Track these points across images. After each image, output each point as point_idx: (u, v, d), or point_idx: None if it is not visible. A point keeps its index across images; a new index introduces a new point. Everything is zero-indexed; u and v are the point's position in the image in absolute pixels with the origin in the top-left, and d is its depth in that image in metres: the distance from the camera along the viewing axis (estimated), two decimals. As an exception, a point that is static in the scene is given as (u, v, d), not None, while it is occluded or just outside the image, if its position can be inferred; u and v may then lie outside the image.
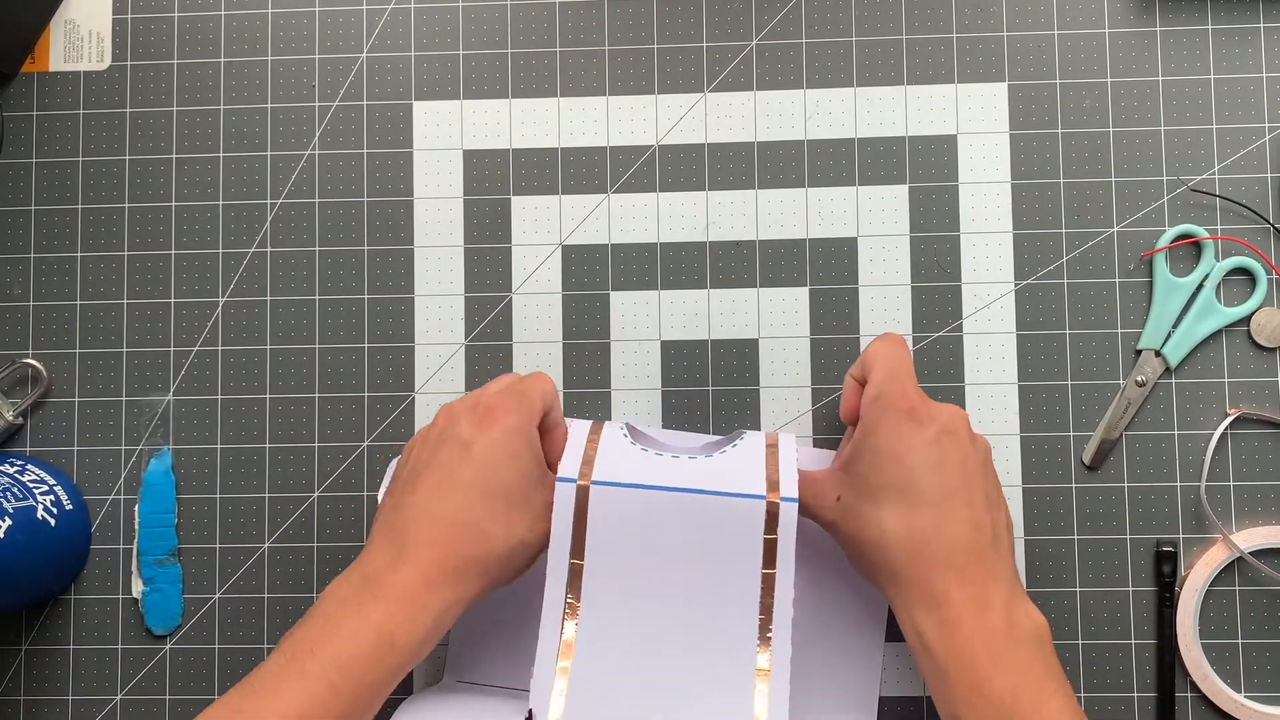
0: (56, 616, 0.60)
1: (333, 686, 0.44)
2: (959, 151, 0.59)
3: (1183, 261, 0.59)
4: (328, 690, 0.44)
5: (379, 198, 0.61)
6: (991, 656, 0.46)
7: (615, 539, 0.49)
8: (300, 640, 0.46)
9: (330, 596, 0.48)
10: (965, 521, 0.47)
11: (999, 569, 0.48)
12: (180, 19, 0.62)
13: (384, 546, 0.48)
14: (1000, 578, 0.47)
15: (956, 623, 0.46)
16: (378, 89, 0.61)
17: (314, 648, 0.45)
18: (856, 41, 0.60)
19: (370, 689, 0.46)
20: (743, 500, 0.49)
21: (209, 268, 0.61)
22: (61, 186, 0.62)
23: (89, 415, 0.61)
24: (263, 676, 0.45)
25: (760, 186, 0.60)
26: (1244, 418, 0.57)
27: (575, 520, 0.49)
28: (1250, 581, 0.57)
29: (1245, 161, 0.58)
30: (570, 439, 0.51)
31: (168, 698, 0.60)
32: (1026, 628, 0.47)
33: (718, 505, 0.48)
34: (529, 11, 0.61)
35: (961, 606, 0.46)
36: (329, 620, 0.46)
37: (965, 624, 0.46)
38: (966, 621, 0.46)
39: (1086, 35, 0.59)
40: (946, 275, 0.59)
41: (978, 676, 0.45)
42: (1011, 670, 0.45)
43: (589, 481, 0.49)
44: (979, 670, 0.46)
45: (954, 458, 0.48)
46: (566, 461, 0.50)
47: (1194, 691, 0.57)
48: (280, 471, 0.60)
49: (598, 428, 0.52)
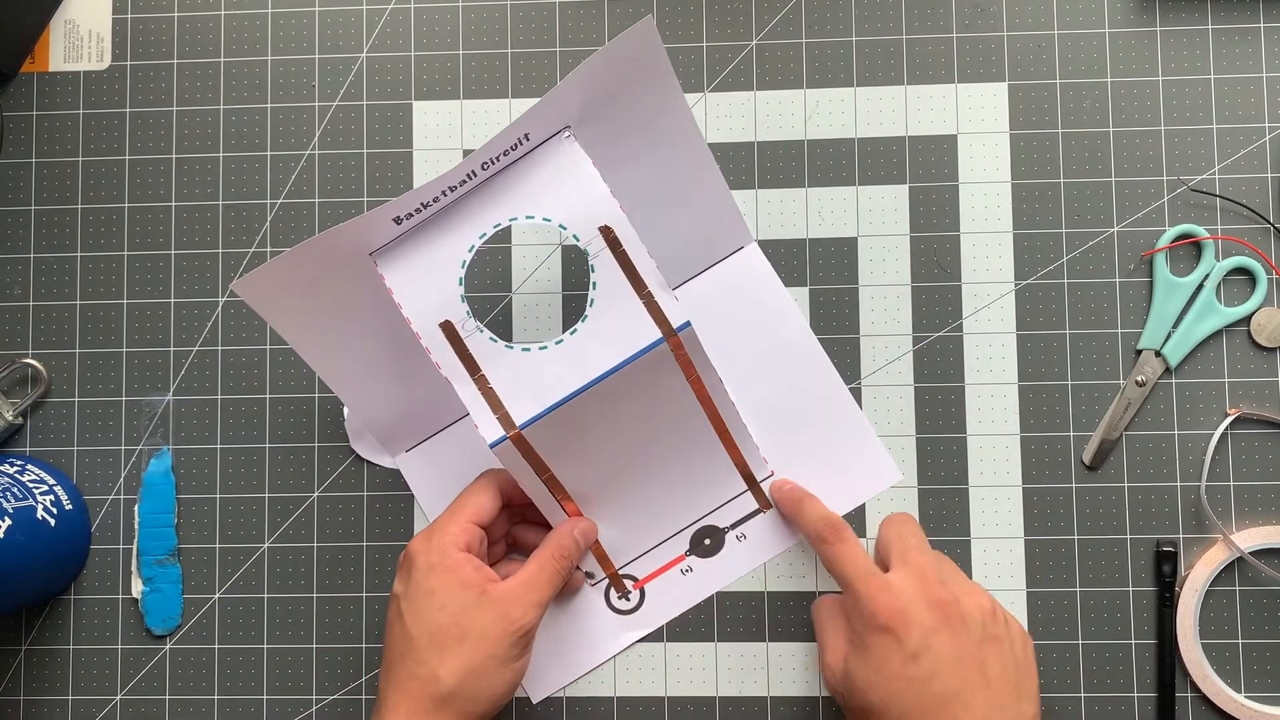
0: (56, 616, 0.60)
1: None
2: (959, 151, 0.59)
3: (1183, 261, 0.59)
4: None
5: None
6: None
7: (563, 441, 0.52)
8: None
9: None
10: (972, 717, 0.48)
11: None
12: (180, 19, 0.62)
13: (377, 706, 0.52)
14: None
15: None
16: (378, 89, 0.61)
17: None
18: (856, 41, 0.60)
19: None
20: (649, 352, 0.50)
21: (209, 268, 0.61)
22: (61, 186, 0.62)
23: (89, 415, 0.61)
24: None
25: (760, 186, 0.60)
26: (1244, 418, 0.57)
27: (528, 459, 0.51)
28: (1250, 581, 0.57)
29: (1245, 161, 0.58)
30: (465, 398, 0.51)
31: (168, 698, 0.60)
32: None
33: (631, 369, 0.50)
34: (529, 11, 0.61)
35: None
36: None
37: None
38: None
39: (1086, 35, 0.59)
40: (946, 275, 0.59)
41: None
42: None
43: (517, 429, 0.50)
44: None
45: (946, 660, 0.48)
46: (482, 422, 0.50)
47: (1194, 691, 0.57)
48: (280, 471, 0.60)
49: (473, 366, 0.51)
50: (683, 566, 0.59)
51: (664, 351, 0.50)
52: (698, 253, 0.59)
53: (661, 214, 0.56)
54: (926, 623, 0.48)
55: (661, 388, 0.52)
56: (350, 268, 0.51)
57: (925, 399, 0.59)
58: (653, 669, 0.58)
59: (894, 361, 0.59)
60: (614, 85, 0.50)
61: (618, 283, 0.50)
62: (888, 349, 0.59)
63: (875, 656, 0.49)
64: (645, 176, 0.54)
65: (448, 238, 0.50)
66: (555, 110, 0.49)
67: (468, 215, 0.51)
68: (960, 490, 0.58)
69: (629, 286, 0.50)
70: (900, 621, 0.48)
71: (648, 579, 0.59)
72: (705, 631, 0.59)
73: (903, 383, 0.59)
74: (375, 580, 0.59)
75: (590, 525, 0.56)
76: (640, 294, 0.50)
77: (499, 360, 0.50)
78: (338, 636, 0.59)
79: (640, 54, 0.50)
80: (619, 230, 0.49)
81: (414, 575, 0.51)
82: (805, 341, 0.59)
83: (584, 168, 0.50)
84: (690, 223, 0.57)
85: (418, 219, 0.50)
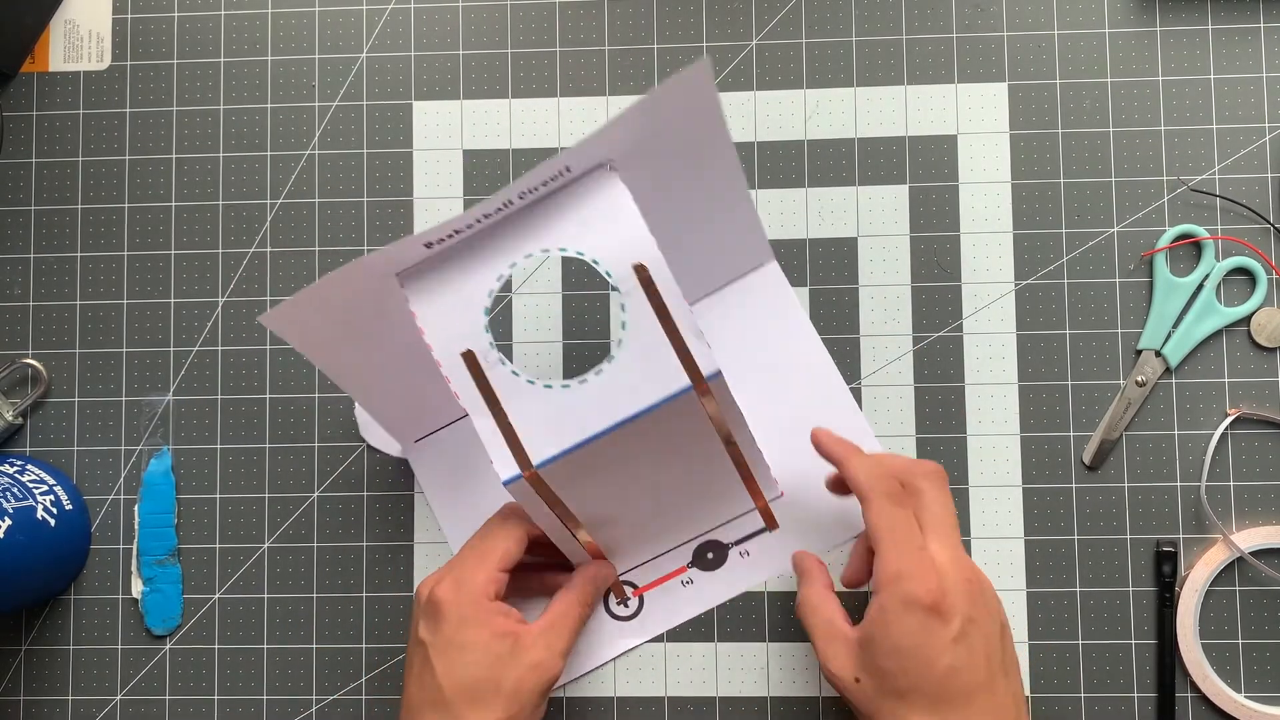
0: (56, 616, 0.60)
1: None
2: (959, 151, 0.59)
3: (1183, 261, 0.59)
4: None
5: (379, 198, 0.61)
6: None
7: (576, 475, 0.50)
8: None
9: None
10: (992, 709, 0.47)
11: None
12: (180, 19, 0.62)
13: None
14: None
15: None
16: (378, 89, 0.61)
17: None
18: (856, 41, 0.60)
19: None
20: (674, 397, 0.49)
21: (209, 268, 0.61)
22: (61, 186, 0.62)
23: (89, 415, 0.61)
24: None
25: (760, 186, 0.60)
26: (1244, 418, 0.57)
27: (542, 494, 0.50)
28: (1250, 581, 0.57)
29: (1245, 161, 0.58)
30: (481, 432, 0.49)
31: (167, 698, 0.60)
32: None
33: (654, 414, 0.49)
34: (529, 11, 0.61)
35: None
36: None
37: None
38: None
39: (1086, 35, 0.59)
40: (946, 275, 0.59)
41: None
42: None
43: (533, 469, 0.49)
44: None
45: (980, 652, 0.47)
46: (497, 458, 0.49)
47: (1194, 691, 0.57)
48: (280, 471, 0.60)
49: (493, 399, 0.50)
50: (684, 578, 0.59)
51: (690, 397, 0.49)
52: (719, 269, 0.59)
53: (688, 233, 0.55)
54: (964, 608, 0.47)
55: (683, 426, 0.50)
56: (376, 285, 0.50)
57: (925, 399, 0.59)
58: (653, 669, 0.58)
59: (894, 361, 0.59)
60: (662, 122, 0.49)
61: (648, 324, 0.48)
62: (888, 349, 0.59)
63: (911, 638, 0.47)
64: (677, 200, 0.54)
65: (477, 266, 0.49)
66: (602, 146, 0.48)
67: (500, 244, 0.49)
68: (960, 490, 0.58)
69: (660, 329, 0.48)
70: (946, 604, 0.47)
71: (648, 587, 0.59)
72: (705, 631, 0.59)
73: (903, 383, 0.59)
74: (375, 580, 0.59)
75: (611, 570, 0.56)
76: (671, 338, 0.48)
77: (520, 395, 0.49)
78: (338, 636, 0.59)
79: (694, 93, 0.48)
80: (654, 271, 0.48)
81: (444, 627, 0.50)
82: (821, 363, 0.59)
83: (625, 205, 0.48)
84: (715, 241, 0.57)
85: (449, 243, 0.49)
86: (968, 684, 0.47)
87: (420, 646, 0.50)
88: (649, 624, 0.58)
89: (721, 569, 0.59)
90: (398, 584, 0.59)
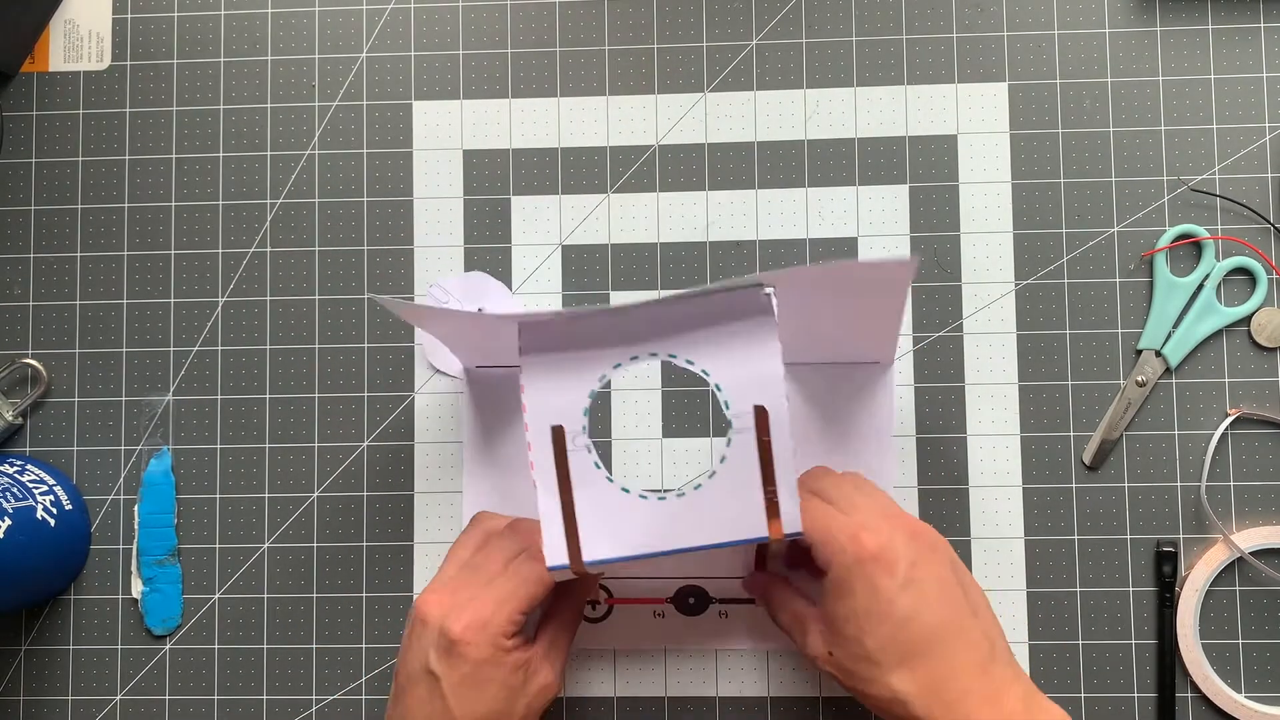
0: (56, 616, 0.60)
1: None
2: (959, 151, 0.59)
3: (1183, 261, 0.59)
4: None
5: (379, 198, 0.61)
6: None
7: (617, 566, 0.49)
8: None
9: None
10: (965, 647, 0.47)
11: (1007, 672, 0.48)
12: (180, 19, 0.62)
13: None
14: (1010, 679, 0.47)
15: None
16: (378, 89, 0.61)
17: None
18: (856, 41, 0.60)
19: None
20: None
21: (209, 268, 0.61)
22: (61, 186, 0.62)
23: (89, 415, 0.61)
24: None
25: (760, 186, 0.60)
26: (1244, 418, 0.57)
27: (580, 576, 0.49)
28: (1250, 581, 0.57)
29: (1245, 161, 0.58)
30: (543, 510, 0.48)
31: (167, 698, 0.60)
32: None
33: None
34: (529, 11, 0.61)
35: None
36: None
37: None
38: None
39: (1086, 35, 0.59)
40: (946, 275, 0.59)
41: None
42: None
43: (583, 565, 0.48)
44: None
45: (932, 590, 0.47)
46: (550, 541, 0.48)
47: (1194, 691, 0.57)
48: (280, 471, 0.60)
49: (566, 482, 0.49)
50: (658, 609, 0.58)
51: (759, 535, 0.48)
52: (837, 352, 0.57)
53: (820, 327, 0.54)
54: (909, 554, 0.47)
55: (740, 545, 0.49)
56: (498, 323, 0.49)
57: (925, 399, 0.59)
58: (653, 669, 0.58)
59: (895, 361, 0.59)
60: (851, 282, 0.48)
61: (747, 467, 0.47)
62: (888, 349, 0.59)
63: (863, 597, 0.47)
64: (823, 313, 0.52)
65: (600, 350, 0.48)
66: (780, 280, 0.46)
67: (629, 333, 0.48)
68: (960, 490, 0.58)
69: (757, 476, 0.47)
70: (888, 554, 0.47)
71: (622, 601, 0.58)
72: (705, 631, 0.59)
73: (903, 383, 0.59)
74: (375, 580, 0.59)
75: (596, 580, 0.56)
76: (765, 486, 0.47)
77: (593, 487, 0.48)
78: (338, 636, 0.59)
79: (891, 275, 0.47)
80: (774, 418, 0.46)
81: (462, 666, 0.49)
82: (887, 461, 0.58)
83: (769, 341, 0.46)
84: (848, 340, 0.56)
85: (583, 317, 0.48)
86: (931, 629, 0.47)
87: (432, 679, 0.49)
88: (610, 636, 0.58)
89: (697, 618, 0.58)
90: (398, 584, 0.59)
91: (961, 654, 0.47)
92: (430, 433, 0.60)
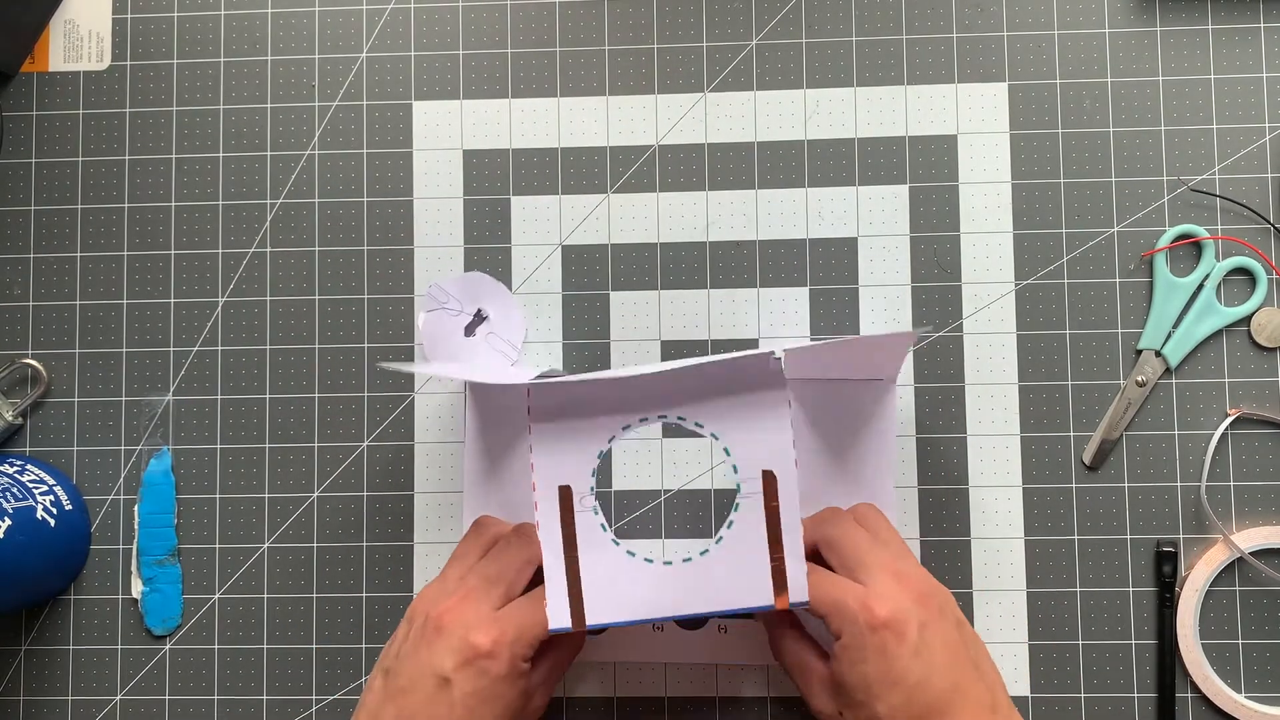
0: (56, 616, 0.60)
1: None
2: (959, 151, 0.59)
3: (1183, 261, 0.59)
4: None
5: (379, 198, 0.61)
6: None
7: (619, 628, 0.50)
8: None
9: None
10: (972, 705, 0.48)
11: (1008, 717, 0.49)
12: (180, 19, 0.62)
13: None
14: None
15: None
16: (378, 89, 0.61)
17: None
18: (856, 41, 0.60)
19: None
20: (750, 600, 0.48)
21: (209, 268, 0.61)
22: (61, 186, 0.62)
23: (89, 415, 0.61)
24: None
25: (760, 186, 0.60)
26: (1244, 418, 0.57)
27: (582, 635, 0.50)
28: (1250, 581, 0.57)
29: (1245, 161, 0.58)
30: (548, 569, 0.48)
31: (167, 698, 0.60)
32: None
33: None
34: (529, 11, 0.61)
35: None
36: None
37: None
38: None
39: (1086, 35, 0.59)
40: (946, 275, 0.59)
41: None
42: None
43: (585, 627, 0.48)
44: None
45: (941, 654, 0.48)
46: (553, 602, 0.48)
47: (1194, 691, 0.57)
48: (280, 471, 0.60)
49: (571, 543, 0.49)
50: (657, 624, 0.58)
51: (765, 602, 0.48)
52: (842, 372, 0.57)
53: (823, 364, 0.54)
54: (920, 617, 0.48)
55: None
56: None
57: (925, 399, 0.59)
58: (653, 669, 0.58)
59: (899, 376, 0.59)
60: (854, 350, 0.49)
61: (754, 532, 0.47)
62: (888, 349, 0.59)
63: (875, 664, 0.48)
64: (833, 368, 0.53)
65: (611, 411, 0.48)
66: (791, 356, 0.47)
67: (641, 395, 0.48)
68: (960, 490, 0.58)
69: (764, 542, 0.47)
70: (899, 622, 0.48)
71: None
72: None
73: (903, 383, 0.59)
74: (375, 580, 0.59)
75: None
76: (772, 553, 0.47)
77: (598, 550, 0.48)
78: (338, 636, 0.59)
79: (894, 344, 0.48)
80: (782, 485, 0.47)
81: (481, 679, 0.49)
82: (884, 480, 0.58)
83: (779, 409, 0.47)
84: (853, 370, 0.56)
85: (592, 384, 0.48)
86: (940, 692, 0.47)
87: (447, 685, 0.49)
88: (611, 649, 0.58)
89: (696, 633, 0.58)
90: (398, 584, 0.59)
91: (969, 712, 0.48)
92: (430, 433, 0.60)
